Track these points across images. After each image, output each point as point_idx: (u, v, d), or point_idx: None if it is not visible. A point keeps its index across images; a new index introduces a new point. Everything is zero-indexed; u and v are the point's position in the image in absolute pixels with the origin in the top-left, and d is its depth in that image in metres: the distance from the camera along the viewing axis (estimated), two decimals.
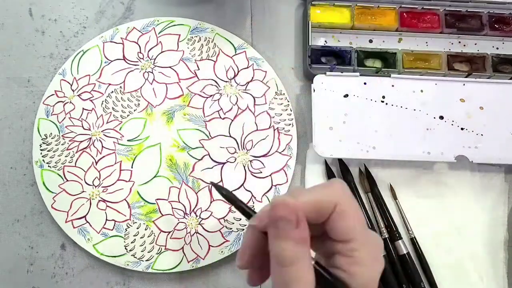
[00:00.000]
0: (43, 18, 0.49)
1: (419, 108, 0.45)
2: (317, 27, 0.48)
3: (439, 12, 0.48)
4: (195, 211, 0.44)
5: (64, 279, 0.43)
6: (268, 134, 0.46)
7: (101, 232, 0.43)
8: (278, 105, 0.47)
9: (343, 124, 0.44)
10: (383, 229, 0.43)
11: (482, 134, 0.45)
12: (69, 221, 0.43)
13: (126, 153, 0.45)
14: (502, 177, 0.46)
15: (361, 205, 0.44)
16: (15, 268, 0.43)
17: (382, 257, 0.28)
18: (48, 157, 0.45)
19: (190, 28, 0.48)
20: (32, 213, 0.44)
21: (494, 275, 0.43)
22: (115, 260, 0.42)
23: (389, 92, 0.46)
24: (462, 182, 0.45)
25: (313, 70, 0.46)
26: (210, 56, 0.48)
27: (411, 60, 0.47)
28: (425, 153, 0.44)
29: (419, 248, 0.43)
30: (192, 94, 0.47)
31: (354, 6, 0.48)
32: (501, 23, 0.48)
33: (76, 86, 0.46)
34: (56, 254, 0.44)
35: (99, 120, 0.46)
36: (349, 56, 0.46)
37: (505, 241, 0.44)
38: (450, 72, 0.47)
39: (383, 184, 0.45)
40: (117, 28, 0.48)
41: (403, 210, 0.45)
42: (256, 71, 0.47)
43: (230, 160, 0.45)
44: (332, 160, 0.46)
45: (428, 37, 0.49)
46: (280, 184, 0.45)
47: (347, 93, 0.45)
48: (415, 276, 0.42)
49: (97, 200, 0.44)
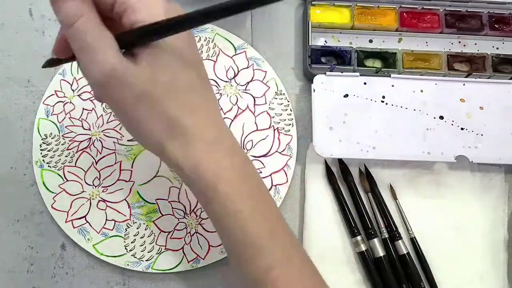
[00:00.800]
0: (43, 18, 0.49)
1: (419, 108, 0.45)
2: (317, 27, 0.48)
3: (439, 12, 0.48)
4: (195, 211, 0.44)
5: (64, 279, 0.43)
6: (268, 134, 0.46)
7: (101, 232, 0.43)
8: (278, 105, 0.47)
9: (343, 124, 0.44)
10: (383, 229, 0.43)
11: (482, 134, 0.45)
12: (69, 221, 0.43)
13: (126, 153, 0.45)
14: (502, 177, 0.46)
15: (361, 205, 0.44)
16: (15, 268, 0.43)
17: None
18: (48, 157, 0.45)
19: None
20: (32, 213, 0.44)
21: (494, 275, 0.43)
22: (115, 260, 0.42)
23: (389, 92, 0.46)
24: (462, 182, 0.45)
25: (313, 70, 0.46)
26: (210, 56, 0.48)
27: (411, 60, 0.47)
28: (425, 153, 0.44)
29: (419, 248, 0.43)
30: None
31: (354, 6, 0.48)
32: (501, 23, 0.49)
33: (76, 86, 0.46)
34: (56, 254, 0.44)
35: (99, 120, 0.46)
36: (349, 56, 0.46)
37: (505, 241, 0.44)
38: (450, 72, 0.47)
39: (383, 184, 0.45)
40: None
41: (403, 210, 0.45)
42: (256, 71, 0.47)
43: None
44: (332, 160, 0.46)
45: (428, 37, 0.49)
46: (280, 184, 0.45)
47: (347, 93, 0.45)
48: (415, 276, 0.42)
49: (97, 200, 0.44)
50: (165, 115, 0.29)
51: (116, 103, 0.30)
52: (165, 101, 0.29)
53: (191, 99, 0.30)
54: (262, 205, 0.32)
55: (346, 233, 0.44)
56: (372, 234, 0.43)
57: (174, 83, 0.29)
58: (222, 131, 0.32)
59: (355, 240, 0.43)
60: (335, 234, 0.44)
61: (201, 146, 0.30)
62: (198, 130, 0.30)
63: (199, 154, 0.30)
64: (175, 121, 0.29)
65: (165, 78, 0.29)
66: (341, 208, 0.44)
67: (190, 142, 0.30)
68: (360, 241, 0.43)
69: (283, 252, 0.31)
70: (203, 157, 0.30)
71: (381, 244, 0.43)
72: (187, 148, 0.30)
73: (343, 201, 0.44)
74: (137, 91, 0.29)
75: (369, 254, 0.43)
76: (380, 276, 0.42)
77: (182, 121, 0.29)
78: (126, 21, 0.28)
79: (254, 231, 0.30)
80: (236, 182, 0.31)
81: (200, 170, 0.30)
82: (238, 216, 0.30)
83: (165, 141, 0.30)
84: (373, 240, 0.43)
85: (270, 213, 0.32)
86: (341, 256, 0.43)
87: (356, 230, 0.43)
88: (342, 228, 0.44)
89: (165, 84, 0.29)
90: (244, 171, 0.32)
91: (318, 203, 0.44)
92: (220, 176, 0.30)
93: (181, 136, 0.30)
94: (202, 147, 0.30)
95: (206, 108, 0.31)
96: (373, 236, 0.43)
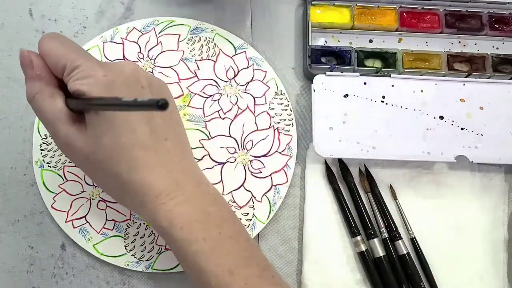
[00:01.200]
0: (43, 18, 0.49)
1: (419, 108, 0.45)
2: (317, 27, 0.48)
3: (439, 12, 0.48)
4: None
5: (64, 279, 0.43)
6: (268, 134, 0.46)
7: (101, 232, 0.43)
8: (278, 105, 0.47)
9: (343, 124, 0.44)
10: (383, 229, 0.43)
11: (482, 134, 0.45)
12: (69, 221, 0.43)
13: None
14: (502, 177, 0.46)
15: (361, 205, 0.44)
16: (15, 268, 0.43)
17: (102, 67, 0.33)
18: (48, 157, 0.45)
19: (190, 28, 0.48)
20: (32, 213, 0.44)
21: (494, 275, 0.43)
22: (115, 260, 0.42)
23: (389, 92, 0.46)
24: (462, 182, 0.45)
25: (313, 70, 0.46)
26: (210, 56, 0.48)
27: (411, 60, 0.47)
28: (425, 153, 0.44)
29: (419, 248, 0.43)
30: (192, 94, 0.47)
31: (354, 6, 0.48)
32: (501, 23, 0.49)
33: None
34: (56, 254, 0.44)
35: None
36: (349, 56, 0.46)
37: (505, 241, 0.44)
38: (450, 72, 0.47)
39: (383, 184, 0.45)
40: (117, 28, 0.48)
41: (403, 210, 0.45)
42: (256, 71, 0.47)
43: (230, 160, 0.45)
44: (332, 160, 0.46)
45: (428, 37, 0.49)
46: (280, 184, 0.45)
47: (347, 93, 0.45)
48: (415, 276, 0.42)
49: (97, 200, 0.44)
50: (113, 173, 0.32)
51: (76, 163, 0.35)
52: (110, 161, 0.32)
53: (137, 156, 0.32)
54: (223, 243, 0.33)
55: (346, 233, 0.44)
56: (372, 234, 0.43)
57: (116, 145, 0.32)
58: (177, 182, 0.33)
59: (355, 240, 0.43)
60: (335, 234, 0.44)
61: (152, 199, 0.33)
62: (146, 185, 0.32)
63: (150, 207, 0.33)
64: (122, 179, 0.32)
65: (107, 140, 0.32)
66: (341, 208, 0.44)
67: (139, 196, 0.33)
68: (360, 241, 0.43)
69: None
70: (154, 210, 0.33)
71: (381, 244, 0.43)
72: (138, 202, 0.33)
73: (343, 201, 0.44)
74: (85, 154, 0.33)
75: (369, 254, 0.43)
76: (380, 276, 0.42)
77: (128, 178, 0.32)
78: (70, 86, 0.33)
79: (212, 270, 0.32)
80: (192, 226, 0.33)
81: (155, 220, 0.33)
82: (196, 257, 0.32)
83: (119, 197, 0.35)
84: (373, 240, 0.43)
85: (232, 250, 0.33)
86: (341, 256, 0.44)
87: (356, 230, 0.43)
88: (342, 228, 0.44)
89: (107, 146, 0.32)
90: (203, 212, 0.34)
91: (318, 203, 0.44)
92: (174, 223, 0.32)
93: (132, 191, 0.33)
94: (152, 200, 0.33)
95: (157, 160, 0.33)
96: (373, 236, 0.43)
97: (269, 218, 0.44)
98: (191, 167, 0.36)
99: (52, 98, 0.33)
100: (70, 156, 0.35)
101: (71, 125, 0.33)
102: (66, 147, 0.34)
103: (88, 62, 0.33)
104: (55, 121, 0.33)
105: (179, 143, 0.36)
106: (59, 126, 0.33)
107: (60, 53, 0.33)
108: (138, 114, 0.32)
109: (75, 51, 0.33)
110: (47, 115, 0.33)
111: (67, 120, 0.33)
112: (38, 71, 0.33)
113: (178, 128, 0.37)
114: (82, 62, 0.32)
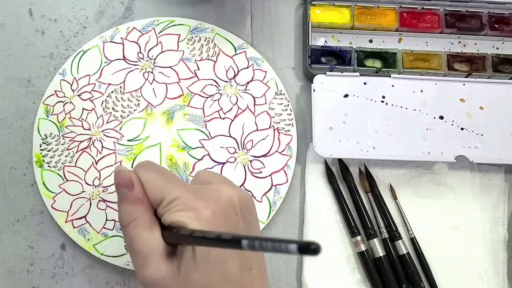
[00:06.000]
0: (43, 18, 0.49)
1: (419, 108, 0.45)
2: (317, 27, 0.48)
3: (439, 12, 0.48)
4: None
5: (64, 279, 0.43)
6: (268, 134, 0.46)
7: (101, 232, 0.43)
8: (278, 105, 0.47)
9: (343, 124, 0.44)
10: (383, 229, 0.43)
11: (482, 134, 0.45)
12: (69, 221, 0.43)
13: (126, 153, 0.45)
14: (502, 177, 0.46)
15: (361, 205, 0.44)
16: (15, 268, 0.43)
17: (214, 194, 0.31)
18: (48, 157, 0.45)
19: (190, 28, 0.48)
20: (32, 213, 0.44)
21: (494, 275, 0.43)
22: (115, 260, 0.42)
23: (389, 92, 0.46)
24: (462, 182, 0.45)
25: (313, 70, 0.46)
26: (210, 56, 0.48)
27: (411, 60, 0.47)
28: (425, 153, 0.44)
29: (419, 248, 0.43)
30: (192, 94, 0.47)
31: (354, 6, 0.48)
32: (501, 23, 0.48)
33: (76, 86, 0.46)
34: (56, 254, 0.44)
35: (99, 120, 0.46)
36: (349, 56, 0.46)
37: (505, 241, 0.44)
38: (450, 72, 0.47)
39: (383, 184, 0.45)
40: (117, 28, 0.48)
41: (403, 210, 0.45)
42: (256, 71, 0.47)
43: (230, 160, 0.45)
44: (332, 160, 0.46)
45: (428, 37, 0.49)
46: (280, 184, 0.45)
47: (347, 93, 0.45)
48: (415, 276, 0.42)
49: (97, 200, 0.44)
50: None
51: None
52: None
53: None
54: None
55: (346, 233, 0.44)
56: (372, 234, 0.43)
57: (207, 281, 0.29)
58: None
59: (355, 240, 0.43)
60: (335, 234, 0.44)
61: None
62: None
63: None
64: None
65: (198, 276, 0.29)
66: (341, 208, 0.44)
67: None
68: (360, 241, 0.43)
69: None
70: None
71: (381, 244, 0.43)
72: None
73: (343, 201, 0.44)
74: (171, 286, 0.30)
75: (369, 254, 0.43)
76: (380, 276, 0.42)
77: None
78: (169, 218, 0.30)
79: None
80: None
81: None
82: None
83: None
84: (373, 240, 0.43)
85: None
86: (341, 256, 0.43)
87: (356, 230, 0.43)
88: (342, 228, 0.44)
89: (197, 282, 0.29)
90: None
91: (318, 203, 0.45)
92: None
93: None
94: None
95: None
96: (373, 236, 0.43)
97: (269, 218, 0.44)
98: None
99: (149, 228, 0.30)
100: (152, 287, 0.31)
101: (165, 258, 0.30)
102: (154, 281, 0.30)
103: (187, 193, 0.30)
104: (150, 254, 0.29)
105: (261, 270, 0.33)
106: (153, 259, 0.29)
107: (159, 183, 0.31)
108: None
109: (172, 181, 0.31)
110: (142, 246, 0.30)
111: (163, 254, 0.30)
112: (140, 194, 0.30)
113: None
114: (181, 193, 0.30)
